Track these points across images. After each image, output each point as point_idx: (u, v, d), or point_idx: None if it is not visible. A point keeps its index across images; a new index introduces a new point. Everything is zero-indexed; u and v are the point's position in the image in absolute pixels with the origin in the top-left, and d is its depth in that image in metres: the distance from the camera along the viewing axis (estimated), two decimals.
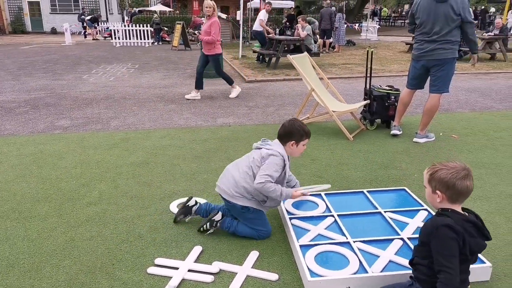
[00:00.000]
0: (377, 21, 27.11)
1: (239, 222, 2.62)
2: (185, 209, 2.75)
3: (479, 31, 19.60)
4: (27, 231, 2.69)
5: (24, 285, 2.16)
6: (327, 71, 9.77)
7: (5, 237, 2.63)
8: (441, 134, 4.74)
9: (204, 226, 2.63)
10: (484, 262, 2.18)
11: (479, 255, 2.24)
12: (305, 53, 5.48)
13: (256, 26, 11.89)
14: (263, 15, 11.90)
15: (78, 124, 5.37)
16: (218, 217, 2.61)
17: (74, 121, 5.50)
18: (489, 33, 12.68)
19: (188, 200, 2.76)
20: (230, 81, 7.05)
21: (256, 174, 2.49)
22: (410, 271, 1.95)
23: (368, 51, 5.01)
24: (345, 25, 14.81)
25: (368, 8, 28.11)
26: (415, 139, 4.47)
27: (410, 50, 13.92)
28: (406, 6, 43.74)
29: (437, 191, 1.76)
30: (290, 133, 2.56)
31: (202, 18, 20.47)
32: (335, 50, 14.45)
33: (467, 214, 1.79)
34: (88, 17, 23.46)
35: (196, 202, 2.77)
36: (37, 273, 2.26)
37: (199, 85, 6.94)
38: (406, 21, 32.42)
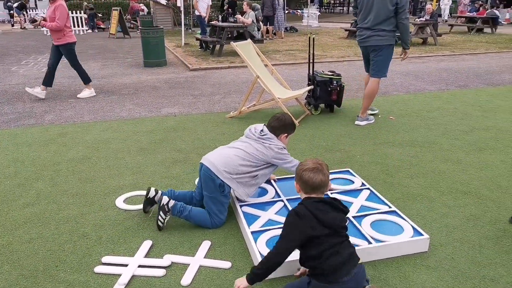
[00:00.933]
0: (317, 8, 27.67)
1: (193, 208, 2.59)
2: (147, 201, 2.65)
3: (411, 17, 20.70)
4: None
5: None
6: (271, 57, 9.83)
7: None
8: (379, 116, 4.98)
9: (159, 217, 2.54)
10: (422, 234, 2.34)
11: (417, 227, 2.41)
12: (249, 40, 5.46)
13: (197, 12, 11.72)
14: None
15: (9, 119, 4.98)
16: (165, 200, 2.53)
17: (4, 117, 5.09)
18: (421, 19, 13.45)
19: (147, 193, 2.66)
20: (86, 79, 6.16)
21: (256, 164, 2.61)
22: (356, 247, 2.04)
23: (309, 37, 5.10)
24: (283, 11, 14.93)
25: None
26: (356, 122, 4.65)
27: (349, 36, 14.42)
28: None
29: (295, 182, 2.01)
30: (285, 126, 2.75)
31: (141, 4, 19.71)
32: (275, 36, 14.58)
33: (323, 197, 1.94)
34: (16, 4, 21.61)
35: (157, 191, 2.67)
36: None
37: (48, 82, 5.93)
38: (349, 7, 33.44)
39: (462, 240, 2.43)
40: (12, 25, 21.14)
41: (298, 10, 22.39)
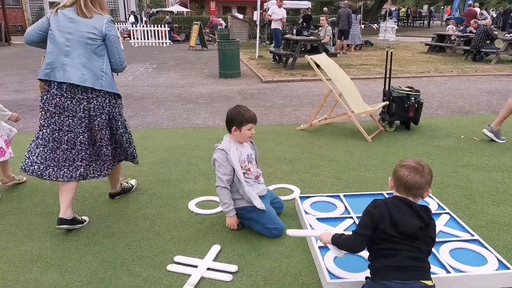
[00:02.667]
0: (395, 21, 26.76)
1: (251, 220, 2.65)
2: None
3: (500, 32, 19.15)
4: (49, 227, 2.75)
5: (48, 280, 2.21)
6: (344, 72, 9.68)
7: (29, 231, 2.69)
8: (462, 136, 4.65)
9: None
10: (508, 268, 2.13)
11: (503, 260, 2.20)
12: (323, 53, 5.44)
13: (273, 24, 11.97)
14: (270, 11, 12.03)
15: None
16: None
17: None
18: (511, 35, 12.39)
19: None
20: None
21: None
22: (433, 275, 1.92)
23: (387, 51, 4.95)
24: (359, 25, 14.74)
25: (386, 8, 27.79)
26: (484, 130, 4.45)
27: (430, 51, 13.73)
28: (425, 7, 43.07)
29: (390, 177, 1.90)
30: (231, 119, 2.63)
31: (220, 19, 20.62)
32: (351, 50, 14.42)
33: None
34: (132, 19, 23.61)
35: None
36: (60, 268, 2.31)
37: None
38: (430, 21, 31.68)
39: None
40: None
41: (374, 24, 21.83)
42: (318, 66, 4.83)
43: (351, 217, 2.71)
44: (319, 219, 2.69)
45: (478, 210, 2.93)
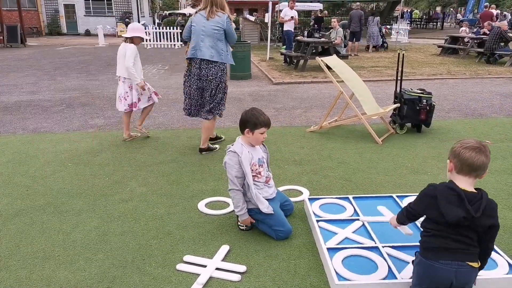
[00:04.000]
0: (407, 23, 26.55)
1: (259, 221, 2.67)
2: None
3: None
4: (62, 225, 2.80)
5: (59, 277, 2.25)
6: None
7: (42, 229, 2.75)
8: None
9: (238, 223, 2.75)
10: None
11: None
12: (334, 55, 5.43)
13: (285, 26, 11.98)
14: (283, 13, 12.02)
15: (111, 123, 5.54)
16: None
17: (107, 120, 5.67)
18: None
19: None
20: None
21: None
22: None
23: (399, 53, 4.92)
24: (377, 27, 14.79)
25: (398, 10, 27.59)
26: None
27: (443, 53, 13.58)
28: (438, 9, 42.65)
29: (448, 160, 1.85)
30: (245, 121, 2.65)
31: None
32: (369, 50, 14.61)
33: (468, 189, 1.77)
34: (143, 22, 23.88)
35: None
36: (71, 266, 2.36)
37: None
38: (443, 23, 31.28)
39: None
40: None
41: (386, 26, 21.68)
42: (329, 68, 4.83)
43: (359, 220, 2.70)
44: (328, 221, 2.70)
45: None
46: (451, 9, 41.79)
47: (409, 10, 38.97)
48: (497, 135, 4.77)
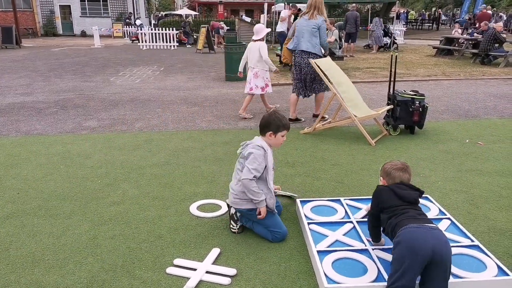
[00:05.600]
0: (403, 24, 26.63)
1: (255, 221, 2.67)
2: (231, 218, 2.76)
3: (510, 34, 18.99)
4: (52, 228, 2.79)
5: (48, 282, 2.24)
6: (350, 75, 9.65)
7: (32, 233, 2.73)
8: (467, 141, 4.61)
9: (230, 225, 2.74)
10: (508, 275, 2.11)
11: (503, 266, 2.19)
12: (328, 57, 5.44)
13: (279, 27, 11.89)
14: (284, 13, 11.94)
15: (105, 125, 5.52)
16: (233, 209, 2.71)
17: (101, 122, 5.66)
18: None
19: (229, 209, 2.79)
20: None
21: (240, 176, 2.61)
22: None
23: (392, 55, 4.94)
24: (381, 28, 15.04)
25: (394, 10, 27.69)
26: None
27: (438, 54, 13.63)
28: (434, 9, 42.78)
29: (381, 178, 2.39)
30: (268, 123, 2.67)
31: (221, 23, 20.67)
32: (372, 51, 14.84)
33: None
34: (139, 22, 23.62)
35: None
36: (61, 270, 2.34)
37: None
38: (439, 24, 31.49)
39: None
40: (132, 41, 22.34)
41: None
42: (322, 70, 4.83)
43: (351, 222, 2.71)
44: (319, 223, 2.70)
45: (480, 216, 2.91)
46: (449, 11, 41.98)
47: (405, 11, 39.10)
48: (490, 136, 4.79)
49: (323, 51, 5.30)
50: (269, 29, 6.42)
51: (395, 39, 16.04)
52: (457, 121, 5.52)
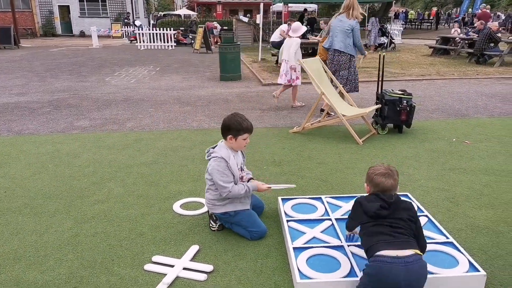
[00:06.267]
0: (402, 24, 26.65)
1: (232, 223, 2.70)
2: (210, 217, 2.79)
3: (508, 34, 18.99)
4: (36, 226, 2.83)
5: (28, 278, 2.28)
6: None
7: (15, 231, 2.77)
8: (454, 140, 4.65)
9: (210, 224, 2.77)
10: (478, 270, 2.15)
11: (474, 262, 2.22)
12: (317, 57, 5.48)
13: (274, 38, 11.70)
14: (285, 27, 11.80)
15: (96, 124, 5.56)
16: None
17: (93, 122, 5.70)
18: None
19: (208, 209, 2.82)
20: None
21: (209, 185, 2.66)
22: None
23: (380, 55, 4.97)
24: (377, 27, 15.24)
25: (394, 10, 27.72)
26: None
27: (434, 54, 13.65)
28: (434, 9, 42.79)
29: (365, 184, 2.25)
30: (227, 127, 2.61)
31: (214, 23, 20.70)
32: (369, 50, 14.89)
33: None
34: (138, 23, 23.60)
35: None
36: (41, 266, 2.38)
37: None
38: (438, 24, 31.54)
39: None
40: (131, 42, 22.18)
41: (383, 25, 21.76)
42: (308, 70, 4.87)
43: (330, 219, 2.74)
44: (298, 221, 2.73)
45: (459, 213, 2.94)
46: (449, 10, 41.96)
47: (404, 11, 39.09)
48: (477, 135, 4.82)
49: (354, 51, 5.50)
50: (306, 28, 7.01)
51: (392, 39, 16.11)
52: (446, 120, 5.55)
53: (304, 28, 6.36)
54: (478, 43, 11.20)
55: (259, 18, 12.50)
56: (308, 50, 10.52)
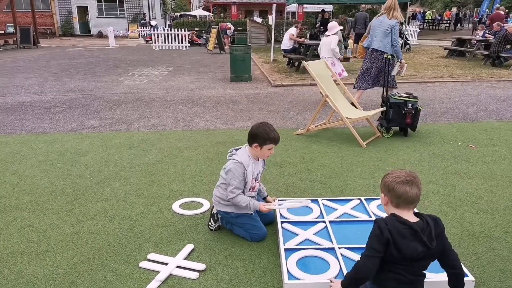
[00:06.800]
0: (420, 24, 26.32)
1: (234, 224, 2.75)
2: (212, 216, 2.85)
3: None
4: (40, 222, 2.94)
5: (28, 272, 2.38)
6: (355, 76, 9.64)
7: (20, 226, 2.89)
8: (459, 144, 4.60)
9: (209, 223, 2.83)
10: (466, 276, 2.15)
11: (463, 267, 2.21)
12: (322, 59, 5.49)
13: (285, 44, 11.58)
14: (293, 31, 11.80)
15: (105, 124, 5.70)
16: (215, 209, 2.79)
17: (103, 121, 5.84)
18: None
19: (211, 208, 2.89)
20: None
21: (221, 182, 2.69)
22: None
23: (386, 57, 4.95)
24: None
25: (412, 10, 27.40)
26: None
27: (449, 55, 13.45)
28: (454, 9, 42.06)
29: (382, 194, 1.84)
30: (255, 135, 2.64)
31: (228, 23, 20.82)
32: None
33: (411, 219, 1.76)
34: (154, 23, 23.92)
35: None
36: (42, 261, 2.48)
37: None
38: (458, 24, 30.92)
39: None
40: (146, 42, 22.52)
41: None
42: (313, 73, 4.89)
43: (324, 221, 2.77)
44: (292, 223, 2.77)
45: (456, 218, 2.93)
46: (469, 10, 41.16)
47: (422, 11, 38.55)
48: (484, 139, 4.77)
49: (391, 50, 5.70)
50: (341, 27, 7.58)
51: (407, 40, 15.90)
52: (453, 124, 5.49)
53: (339, 27, 6.92)
54: (494, 45, 11.00)
55: (271, 19, 12.52)
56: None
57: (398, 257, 1.71)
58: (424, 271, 1.84)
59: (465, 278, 2.13)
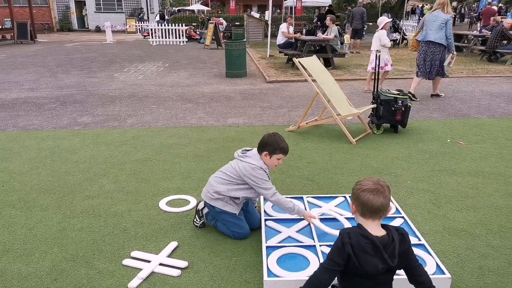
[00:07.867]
0: (420, 18, 26.17)
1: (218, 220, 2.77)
2: (197, 213, 2.87)
3: None
4: (27, 220, 2.96)
5: (13, 269, 2.41)
6: (351, 72, 9.66)
7: (7, 224, 2.91)
8: (448, 140, 4.62)
9: (194, 219, 2.86)
10: (443, 273, 2.18)
11: (441, 265, 2.25)
12: (314, 56, 5.49)
13: (279, 40, 11.64)
14: (284, 27, 11.78)
15: (98, 121, 5.71)
16: (201, 205, 2.82)
17: (95, 118, 5.85)
18: None
19: (197, 204, 2.91)
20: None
21: (231, 181, 2.66)
22: None
23: (376, 54, 4.96)
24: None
25: (412, 5, 27.26)
26: None
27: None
28: (454, 4, 41.87)
29: (351, 202, 1.87)
30: (265, 144, 2.67)
31: (220, 19, 20.73)
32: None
33: (377, 232, 1.74)
34: (157, 17, 23.76)
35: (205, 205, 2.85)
36: (26, 258, 2.51)
37: None
38: (464, 19, 30.63)
39: (495, 286, 2.19)
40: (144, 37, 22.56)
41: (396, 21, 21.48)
42: (305, 69, 4.90)
43: None
44: (276, 220, 2.80)
45: (439, 215, 2.96)
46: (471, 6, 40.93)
47: (421, 6, 38.35)
48: (473, 136, 4.78)
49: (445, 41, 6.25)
50: (390, 19, 8.03)
51: (405, 35, 15.87)
52: (444, 120, 5.50)
53: (387, 20, 7.31)
54: (490, 40, 10.98)
55: (267, 14, 12.49)
56: (316, 47, 10.48)
57: (360, 271, 1.71)
58: (391, 281, 1.82)
59: (442, 276, 2.18)
